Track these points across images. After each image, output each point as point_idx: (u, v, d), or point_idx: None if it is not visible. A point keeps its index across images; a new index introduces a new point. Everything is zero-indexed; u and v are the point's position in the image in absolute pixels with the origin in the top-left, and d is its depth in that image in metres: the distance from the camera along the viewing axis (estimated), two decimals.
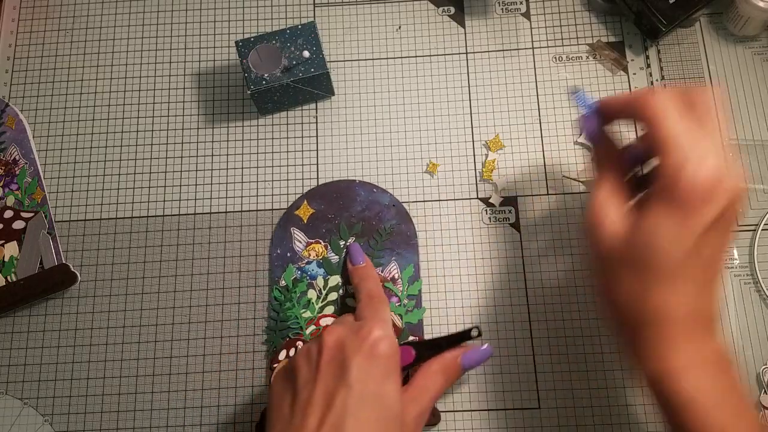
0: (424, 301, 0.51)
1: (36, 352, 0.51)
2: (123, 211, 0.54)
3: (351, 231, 0.52)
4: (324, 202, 0.53)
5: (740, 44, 0.56)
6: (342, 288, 0.51)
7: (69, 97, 0.58)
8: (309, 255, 0.52)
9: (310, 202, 0.53)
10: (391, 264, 0.51)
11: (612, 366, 0.49)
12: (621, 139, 0.43)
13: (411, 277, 0.51)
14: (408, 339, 0.49)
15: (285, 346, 0.50)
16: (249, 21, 0.59)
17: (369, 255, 0.52)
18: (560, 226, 0.52)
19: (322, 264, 0.52)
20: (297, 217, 0.53)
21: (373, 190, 0.53)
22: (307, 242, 0.52)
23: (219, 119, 0.57)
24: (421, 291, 0.51)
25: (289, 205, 0.53)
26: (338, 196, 0.53)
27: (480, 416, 0.48)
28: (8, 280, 0.52)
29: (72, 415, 0.50)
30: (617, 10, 0.57)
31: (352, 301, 0.51)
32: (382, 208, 0.53)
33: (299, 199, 0.53)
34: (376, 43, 0.58)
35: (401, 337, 0.50)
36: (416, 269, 0.51)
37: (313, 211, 0.53)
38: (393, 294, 0.51)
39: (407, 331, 0.50)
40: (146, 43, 0.59)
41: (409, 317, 0.50)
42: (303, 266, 0.52)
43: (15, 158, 0.56)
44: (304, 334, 0.50)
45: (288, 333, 0.50)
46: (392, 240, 0.52)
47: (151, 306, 0.52)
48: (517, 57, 0.57)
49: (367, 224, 0.52)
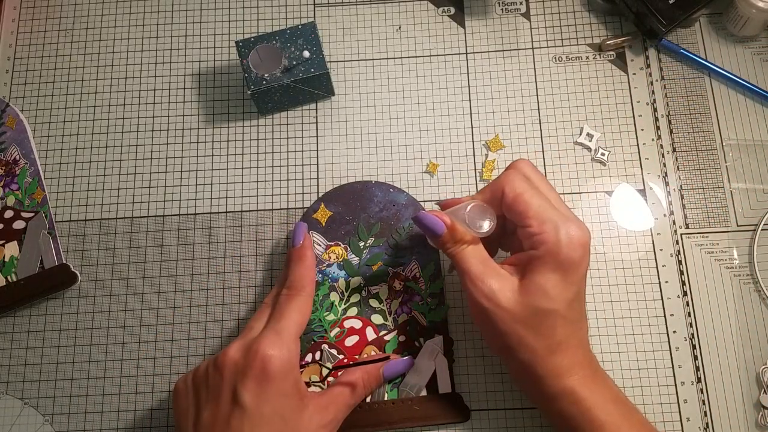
0: (448, 299, 0.51)
1: (36, 352, 0.51)
2: (123, 211, 0.54)
3: (370, 232, 0.52)
4: (341, 204, 0.53)
5: (740, 44, 0.56)
6: (364, 289, 0.51)
7: (69, 97, 0.58)
8: (329, 258, 0.52)
9: (327, 204, 0.53)
10: (412, 263, 0.51)
11: (612, 366, 0.49)
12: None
13: (432, 275, 0.51)
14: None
15: (310, 350, 0.50)
16: (249, 21, 0.59)
17: (389, 255, 0.51)
18: None
19: (342, 266, 0.52)
20: (315, 220, 0.53)
21: (390, 189, 0.53)
22: (327, 245, 0.52)
23: (219, 119, 0.57)
24: (444, 289, 0.51)
25: (306, 209, 0.53)
26: (355, 198, 0.53)
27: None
28: (8, 280, 0.52)
29: (72, 415, 0.50)
30: (617, 11, 0.57)
31: (375, 302, 0.51)
32: (400, 208, 0.53)
33: (316, 203, 0.53)
34: (376, 43, 0.58)
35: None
36: (437, 267, 0.51)
37: (331, 213, 0.53)
38: (415, 293, 0.51)
39: (432, 330, 0.50)
40: (146, 43, 0.59)
41: (433, 315, 0.50)
42: (324, 269, 0.52)
43: (15, 158, 0.56)
44: (329, 336, 0.50)
45: (313, 336, 0.50)
46: (411, 239, 0.52)
47: (152, 306, 0.52)
48: (517, 57, 0.57)
49: (385, 224, 0.52)
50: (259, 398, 0.41)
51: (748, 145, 0.54)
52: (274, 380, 0.41)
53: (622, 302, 0.50)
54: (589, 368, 0.43)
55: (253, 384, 0.41)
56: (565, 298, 0.41)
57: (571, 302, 0.42)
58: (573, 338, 0.42)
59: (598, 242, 0.52)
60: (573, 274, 0.42)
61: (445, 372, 0.49)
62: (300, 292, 0.46)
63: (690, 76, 0.56)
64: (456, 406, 0.48)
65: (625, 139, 0.54)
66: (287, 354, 0.42)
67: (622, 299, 0.50)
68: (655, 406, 0.48)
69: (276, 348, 0.42)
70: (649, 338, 0.49)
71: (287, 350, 0.42)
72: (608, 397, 0.42)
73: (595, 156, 0.54)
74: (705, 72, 0.56)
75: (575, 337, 0.43)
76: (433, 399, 0.48)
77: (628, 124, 0.54)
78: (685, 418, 0.48)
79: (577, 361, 0.42)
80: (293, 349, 0.43)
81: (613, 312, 0.50)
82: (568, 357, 0.42)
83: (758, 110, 0.54)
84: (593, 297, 0.50)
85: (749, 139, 0.54)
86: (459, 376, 0.49)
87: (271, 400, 0.41)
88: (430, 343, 0.49)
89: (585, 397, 0.41)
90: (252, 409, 0.40)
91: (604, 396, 0.42)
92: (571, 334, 0.42)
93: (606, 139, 0.54)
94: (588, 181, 0.53)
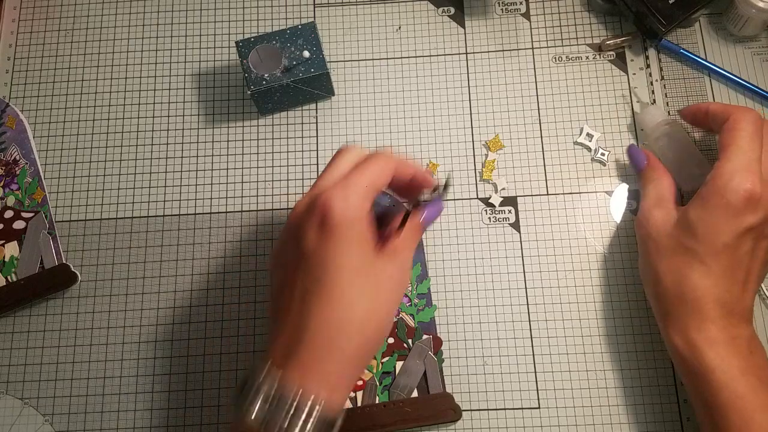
0: (434, 300, 0.51)
1: (36, 352, 0.51)
2: (123, 211, 0.54)
3: None
4: None
5: (740, 44, 0.56)
6: None
7: (69, 97, 0.58)
8: None
9: None
10: None
11: (612, 366, 0.49)
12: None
13: (419, 276, 0.51)
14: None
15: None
16: (249, 21, 0.59)
17: None
18: (560, 226, 0.52)
19: None
20: None
21: None
22: None
23: (219, 119, 0.57)
24: (431, 290, 0.51)
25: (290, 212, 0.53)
26: None
27: (480, 416, 0.48)
28: (8, 280, 0.52)
29: (72, 415, 0.50)
30: (617, 11, 0.57)
31: None
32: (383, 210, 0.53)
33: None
34: (376, 43, 0.58)
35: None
36: (423, 268, 0.51)
37: None
38: (403, 294, 0.51)
39: (420, 331, 0.50)
40: (146, 43, 0.59)
41: (421, 316, 0.50)
42: None
43: (15, 158, 0.56)
44: None
45: None
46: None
47: (152, 306, 0.52)
48: (517, 57, 0.57)
49: None
50: (320, 242, 0.37)
51: None
52: (336, 228, 0.37)
53: (621, 302, 0.50)
54: (723, 331, 0.41)
55: (314, 232, 0.37)
56: (710, 242, 0.40)
57: (718, 252, 0.41)
58: (708, 293, 0.41)
59: (598, 242, 0.52)
60: (727, 221, 0.40)
61: (435, 372, 0.49)
62: (383, 154, 0.41)
63: (690, 76, 0.56)
64: (448, 406, 0.48)
65: (625, 139, 0.54)
66: (352, 204, 0.38)
67: (622, 299, 0.50)
68: (655, 406, 0.48)
69: (339, 199, 0.37)
70: (649, 338, 0.49)
71: (352, 201, 0.38)
72: (737, 368, 0.40)
73: (595, 156, 0.54)
74: (705, 72, 0.56)
75: (711, 292, 0.41)
76: (424, 400, 0.48)
77: (629, 124, 0.54)
78: (685, 418, 0.48)
79: (706, 317, 0.41)
80: (359, 201, 0.38)
81: (613, 312, 0.50)
82: (696, 310, 0.41)
83: (758, 110, 0.54)
84: (593, 297, 0.50)
85: None
86: (450, 376, 0.49)
87: (332, 246, 0.37)
88: (419, 344, 0.49)
89: (710, 359, 0.40)
90: (313, 256, 0.37)
91: (731, 365, 0.40)
92: (709, 287, 0.41)
93: (606, 139, 0.54)
94: (588, 181, 0.53)
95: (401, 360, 0.49)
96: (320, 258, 0.37)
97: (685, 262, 0.42)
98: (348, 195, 0.38)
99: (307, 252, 0.38)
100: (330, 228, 0.37)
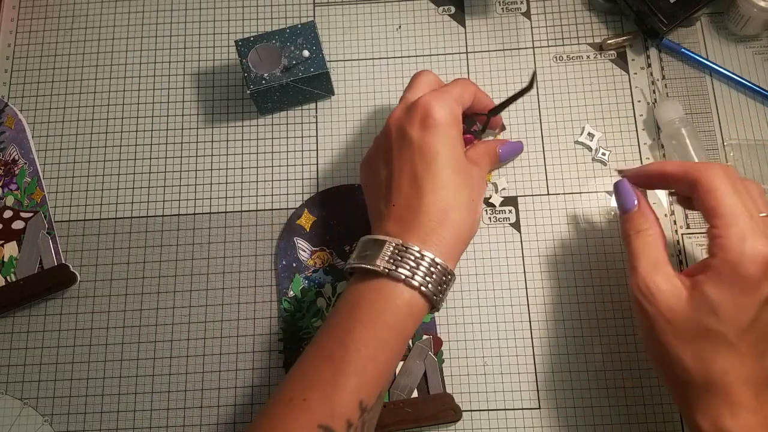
0: None
1: (36, 352, 0.51)
2: (123, 211, 0.54)
3: (355, 236, 0.52)
4: (325, 209, 0.53)
5: (741, 44, 0.56)
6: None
7: (69, 97, 0.58)
8: (315, 263, 0.52)
9: (311, 210, 0.53)
10: None
11: (612, 366, 0.49)
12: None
13: None
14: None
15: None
16: (249, 21, 0.59)
17: None
18: (560, 226, 0.52)
19: (329, 271, 0.51)
20: (299, 226, 0.53)
21: None
22: (312, 251, 0.52)
23: (219, 119, 0.56)
24: None
25: (290, 216, 0.53)
26: (339, 202, 0.53)
27: (480, 416, 0.48)
28: (8, 280, 0.52)
29: (72, 415, 0.50)
30: (618, 10, 0.57)
31: None
32: None
33: (300, 208, 0.53)
34: (376, 43, 0.58)
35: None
36: None
37: (314, 218, 0.53)
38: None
39: (420, 331, 0.50)
40: (146, 43, 0.59)
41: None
42: (310, 275, 0.51)
43: (14, 158, 0.56)
44: None
45: (302, 344, 0.50)
46: None
47: (151, 306, 0.52)
48: (517, 57, 0.57)
49: (369, 227, 0.52)
50: (424, 134, 0.42)
51: (749, 145, 0.54)
52: (438, 125, 0.42)
53: (623, 302, 0.50)
54: (758, 414, 0.37)
55: (418, 125, 0.43)
56: (736, 321, 0.37)
57: (744, 331, 0.37)
58: (738, 375, 0.37)
59: (599, 242, 0.52)
60: (750, 295, 0.37)
61: (435, 372, 0.49)
62: (465, 79, 0.48)
63: (691, 75, 0.55)
64: (448, 407, 0.48)
65: (626, 138, 0.54)
66: (448, 107, 0.43)
67: (623, 299, 0.50)
68: (656, 407, 0.48)
69: (438, 102, 0.43)
70: None
71: (448, 104, 0.43)
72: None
73: (596, 156, 0.54)
74: (706, 71, 0.56)
75: (740, 375, 0.37)
76: (424, 400, 0.48)
77: (629, 124, 0.54)
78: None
79: (739, 402, 0.37)
80: (454, 106, 0.44)
81: (614, 312, 0.50)
82: (726, 396, 0.37)
83: (759, 110, 0.54)
84: (594, 297, 0.50)
85: (750, 139, 0.54)
86: (450, 377, 0.49)
87: (436, 139, 0.42)
88: (419, 344, 0.49)
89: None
90: (422, 146, 0.42)
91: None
92: (738, 369, 0.37)
93: (606, 138, 0.54)
94: (588, 181, 0.53)
95: (401, 360, 0.49)
96: (428, 146, 0.42)
97: (711, 346, 0.38)
98: (444, 99, 0.43)
99: (415, 143, 0.42)
100: (432, 125, 0.42)
